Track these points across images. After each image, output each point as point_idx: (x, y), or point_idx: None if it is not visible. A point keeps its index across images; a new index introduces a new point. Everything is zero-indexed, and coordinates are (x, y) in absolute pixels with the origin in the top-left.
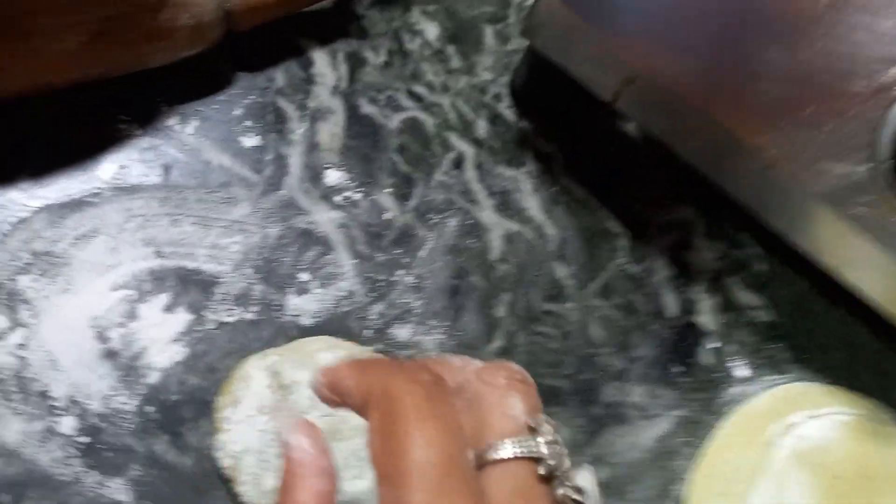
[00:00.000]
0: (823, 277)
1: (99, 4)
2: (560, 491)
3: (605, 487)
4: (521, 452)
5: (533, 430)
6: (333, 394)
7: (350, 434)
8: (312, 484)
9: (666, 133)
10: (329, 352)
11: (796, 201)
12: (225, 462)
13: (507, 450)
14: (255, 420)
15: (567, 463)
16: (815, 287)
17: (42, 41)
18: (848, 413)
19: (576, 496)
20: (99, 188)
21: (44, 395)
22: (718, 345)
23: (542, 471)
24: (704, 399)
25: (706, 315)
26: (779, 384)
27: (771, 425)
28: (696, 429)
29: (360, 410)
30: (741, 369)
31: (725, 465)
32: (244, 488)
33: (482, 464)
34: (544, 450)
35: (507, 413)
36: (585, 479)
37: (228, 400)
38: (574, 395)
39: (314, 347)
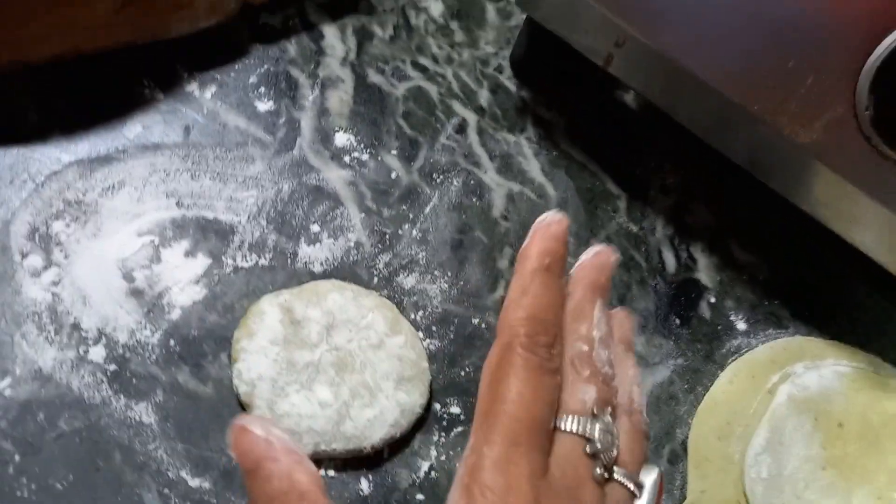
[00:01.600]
0: (821, 236)
1: None
2: (598, 471)
3: None
4: (576, 430)
5: (594, 416)
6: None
7: (359, 368)
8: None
9: (659, 96)
10: (338, 292)
11: (787, 157)
12: (241, 388)
13: (568, 424)
14: (268, 350)
15: (615, 452)
16: (812, 244)
17: (76, 9)
18: (847, 365)
19: (624, 480)
20: (125, 145)
21: (75, 327)
22: (717, 300)
23: (588, 449)
24: (704, 350)
25: (705, 272)
26: (778, 338)
27: (771, 374)
28: (696, 377)
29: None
30: (740, 323)
31: (727, 410)
32: (259, 412)
33: (555, 428)
34: (596, 434)
35: (580, 398)
36: (648, 476)
37: (244, 332)
38: None
39: (324, 289)
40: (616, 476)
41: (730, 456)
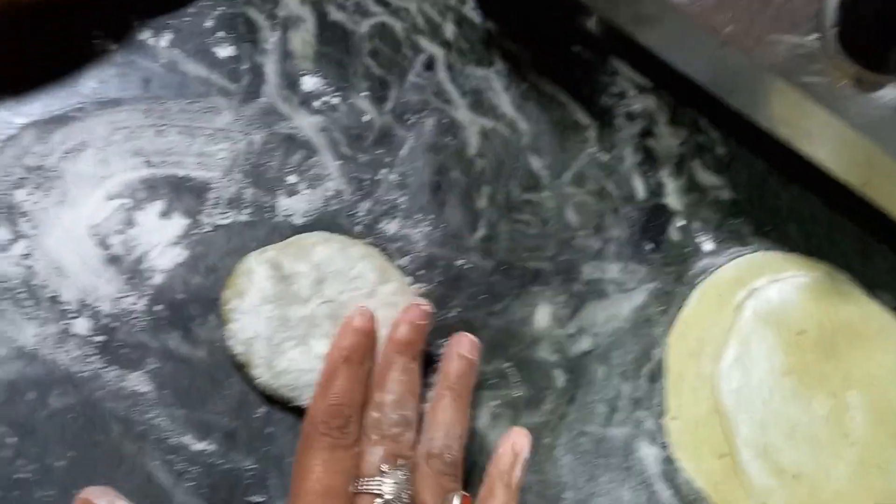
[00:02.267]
0: (780, 156)
1: None
2: None
3: (591, 356)
4: (365, 489)
5: (384, 473)
6: None
7: None
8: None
9: (625, 22)
10: (324, 245)
11: (750, 76)
12: (237, 349)
13: (359, 485)
14: (260, 309)
15: (405, 497)
16: (772, 165)
17: None
18: (805, 276)
19: None
20: (81, 103)
21: (54, 300)
22: (685, 223)
23: (379, 502)
24: (675, 272)
25: (672, 196)
26: (742, 255)
27: (737, 291)
28: (669, 299)
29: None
30: (707, 244)
31: (698, 329)
32: (258, 371)
33: (354, 493)
34: (384, 488)
35: (370, 460)
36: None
37: (234, 293)
38: (556, 275)
39: (310, 241)
40: None
41: (703, 371)
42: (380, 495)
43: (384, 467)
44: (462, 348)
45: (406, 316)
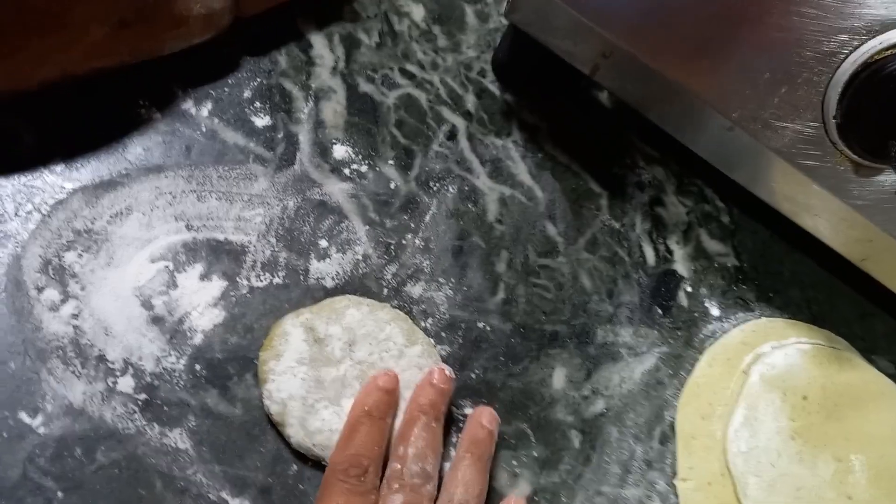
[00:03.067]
0: (782, 226)
1: None
2: None
3: (605, 417)
4: None
5: None
6: None
7: None
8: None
9: (639, 101)
10: (355, 308)
11: (756, 157)
12: (273, 409)
13: None
14: (296, 370)
15: None
16: (774, 235)
17: (73, 32)
18: (807, 342)
19: None
20: (127, 169)
21: (101, 358)
22: (692, 289)
23: None
24: (684, 336)
25: (681, 262)
26: (748, 320)
27: (744, 355)
28: (678, 362)
29: None
30: (714, 309)
31: (707, 392)
32: (292, 430)
33: None
34: None
35: None
36: None
37: (271, 354)
38: (571, 339)
39: (342, 305)
40: None
41: (713, 433)
42: None
43: None
44: (483, 419)
45: (430, 378)
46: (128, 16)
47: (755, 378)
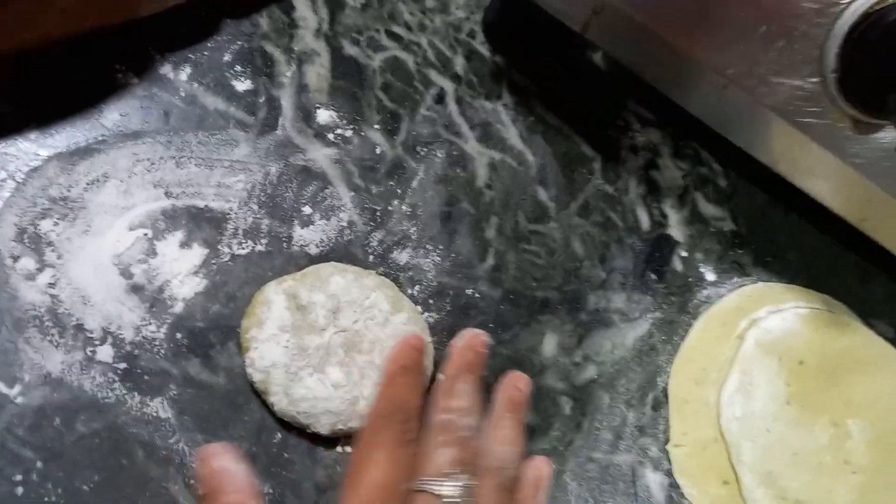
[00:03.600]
0: (779, 189)
1: None
2: None
3: (596, 384)
4: (427, 489)
5: (447, 475)
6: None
7: (367, 348)
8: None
9: (632, 60)
10: (340, 275)
11: (753, 115)
12: (256, 377)
13: (421, 484)
14: (278, 338)
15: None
16: (771, 198)
17: None
18: (805, 306)
19: None
20: (104, 135)
21: (79, 328)
22: (688, 253)
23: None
24: (678, 302)
25: (676, 227)
26: (743, 285)
27: (739, 321)
28: (672, 328)
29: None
30: (709, 274)
31: (701, 357)
32: (276, 398)
33: (416, 490)
34: (445, 490)
35: (435, 461)
36: None
37: (253, 322)
38: (563, 305)
39: (326, 272)
40: None
41: (707, 399)
42: (440, 496)
43: (449, 469)
44: (521, 383)
45: (470, 341)
46: None
47: (750, 343)
